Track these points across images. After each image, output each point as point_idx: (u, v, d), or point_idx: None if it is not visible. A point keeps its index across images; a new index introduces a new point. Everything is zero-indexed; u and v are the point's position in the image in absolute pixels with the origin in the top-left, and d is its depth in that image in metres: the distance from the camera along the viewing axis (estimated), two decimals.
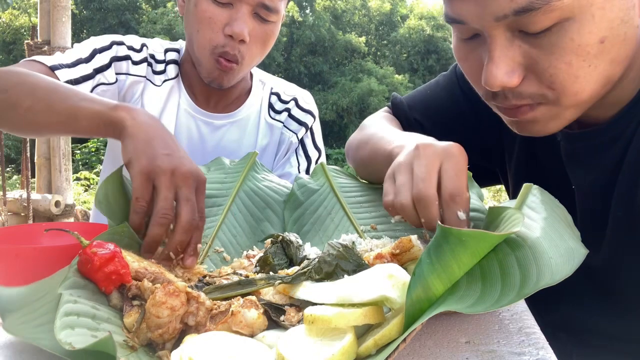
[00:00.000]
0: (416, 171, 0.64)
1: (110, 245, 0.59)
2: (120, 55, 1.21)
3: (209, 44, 1.12)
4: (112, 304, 0.57)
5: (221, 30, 1.11)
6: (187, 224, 0.70)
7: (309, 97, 1.40)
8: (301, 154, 1.33)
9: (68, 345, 0.44)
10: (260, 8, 1.11)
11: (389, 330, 0.48)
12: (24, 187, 3.60)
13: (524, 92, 0.66)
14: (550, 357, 0.53)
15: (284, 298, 0.59)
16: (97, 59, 1.18)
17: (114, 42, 1.22)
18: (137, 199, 0.70)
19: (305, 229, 0.86)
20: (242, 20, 1.10)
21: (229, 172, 0.95)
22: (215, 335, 0.51)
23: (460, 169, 0.63)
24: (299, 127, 1.33)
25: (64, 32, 3.28)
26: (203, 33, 1.12)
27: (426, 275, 0.49)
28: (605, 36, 0.61)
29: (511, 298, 0.48)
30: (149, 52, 1.26)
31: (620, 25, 0.61)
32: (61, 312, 0.49)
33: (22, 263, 0.70)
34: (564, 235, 0.55)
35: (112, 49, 1.21)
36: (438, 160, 0.64)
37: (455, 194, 0.62)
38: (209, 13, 1.10)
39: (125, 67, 1.22)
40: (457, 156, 0.64)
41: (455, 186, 0.62)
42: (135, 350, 0.50)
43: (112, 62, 1.20)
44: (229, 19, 1.10)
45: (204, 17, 1.11)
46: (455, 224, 0.61)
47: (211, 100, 1.28)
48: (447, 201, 0.62)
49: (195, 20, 1.12)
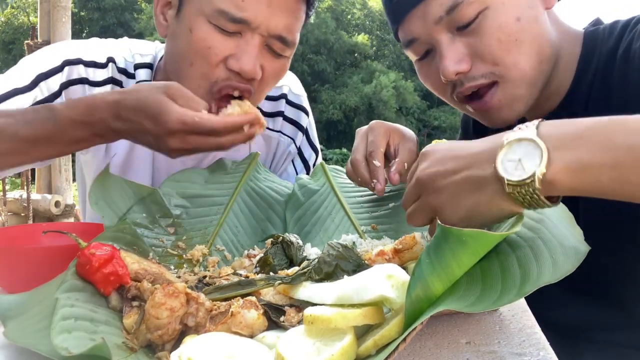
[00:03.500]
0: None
1: (108, 247, 0.59)
2: (74, 77, 0.97)
3: (205, 81, 0.89)
4: (111, 305, 0.57)
5: (222, 63, 0.88)
6: None
7: (296, 83, 1.23)
8: (298, 161, 1.22)
9: (64, 350, 0.43)
10: (275, 40, 0.89)
11: (389, 330, 0.48)
12: (24, 187, 3.60)
13: (475, 74, 0.80)
14: (551, 357, 0.52)
15: (283, 298, 0.59)
16: (41, 87, 0.93)
17: (67, 62, 0.97)
18: None
19: (306, 230, 0.86)
20: (252, 54, 0.87)
21: (230, 172, 0.95)
22: (214, 336, 0.51)
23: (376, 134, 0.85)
24: (294, 130, 1.20)
25: (64, 32, 3.28)
26: (197, 67, 0.88)
27: (426, 275, 0.49)
28: (519, 15, 0.78)
29: (511, 297, 0.48)
30: (117, 66, 1.02)
31: (528, 9, 0.79)
32: (58, 317, 0.49)
33: (22, 263, 0.70)
34: (565, 233, 0.55)
35: (64, 72, 0.96)
36: (365, 134, 0.87)
37: (371, 150, 0.84)
38: (208, 42, 0.86)
39: (81, 91, 0.97)
40: (374, 128, 0.87)
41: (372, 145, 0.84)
42: (134, 351, 0.50)
43: (63, 88, 0.96)
44: (235, 51, 0.87)
45: (201, 48, 0.87)
46: (373, 169, 0.82)
47: None
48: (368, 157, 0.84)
49: (190, 50, 0.88)
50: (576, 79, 0.83)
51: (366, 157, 0.84)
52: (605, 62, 0.80)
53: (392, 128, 0.88)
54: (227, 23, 0.86)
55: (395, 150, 0.85)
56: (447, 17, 0.78)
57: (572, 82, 0.84)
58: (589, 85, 0.81)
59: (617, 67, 0.78)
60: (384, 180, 0.81)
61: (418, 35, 0.82)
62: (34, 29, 3.44)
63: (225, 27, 0.86)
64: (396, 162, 0.82)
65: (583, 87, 0.82)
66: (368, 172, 0.83)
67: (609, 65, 0.79)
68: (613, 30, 0.81)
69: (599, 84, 0.80)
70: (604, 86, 0.79)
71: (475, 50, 0.79)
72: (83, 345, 0.44)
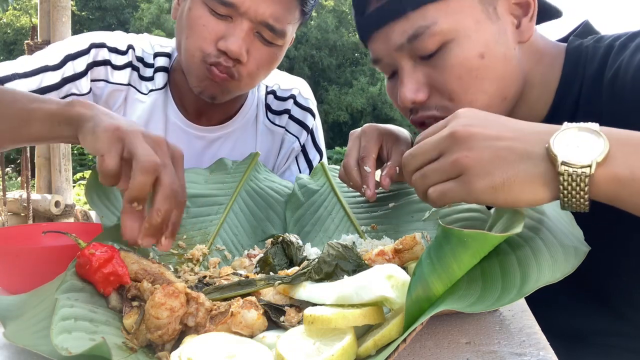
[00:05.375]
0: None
1: (107, 247, 0.59)
2: (99, 59, 1.07)
3: (199, 52, 0.97)
4: (111, 305, 0.57)
5: (214, 42, 0.96)
6: (169, 189, 0.61)
7: (306, 88, 1.29)
8: (302, 159, 1.25)
9: (64, 351, 0.43)
10: (264, 28, 0.96)
11: (389, 330, 0.48)
12: (24, 187, 3.59)
13: (430, 105, 0.78)
14: (552, 357, 0.52)
15: (283, 298, 0.59)
16: (69, 66, 1.04)
17: (93, 45, 1.07)
18: (104, 157, 0.59)
19: (307, 230, 0.86)
20: (239, 36, 0.95)
21: (231, 172, 0.96)
22: (214, 336, 0.51)
23: (368, 139, 0.85)
24: (300, 129, 1.24)
25: (64, 32, 3.28)
26: (193, 40, 0.97)
27: (426, 276, 0.49)
28: (483, 52, 0.74)
29: (512, 297, 0.48)
30: (135, 55, 1.12)
31: (496, 46, 0.75)
32: (58, 317, 0.48)
33: (22, 263, 0.70)
34: (565, 233, 0.55)
35: (90, 53, 1.06)
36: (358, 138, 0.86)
37: (363, 155, 0.83)
38: (202, 20, 0.96)
39: (104, 73, 1.08)
40: (367, 132, 0.86)
41: (364, 151, 0.83)
42: (134, 351, 0.50)
43: (89, 68, 1.06)
44: (224, 33, 0.95)
45: (196, 24, 0.96)
46: (364, 175, 0.82)
47: (203, 115, 1.16)
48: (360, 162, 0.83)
49: (187, 25, 0.98)
50: (556, 102, 0.80)
51: (358, 162, 0.84)
52: (589, 88, 0.76)
53: (385, 131, 0.87)
54: (218, 6, 0.94)
55: (388, 153, 0.85)
56: (409, 45, 0.76)
57: (551, 106, 0.80)
58: (572, 110, 0.78)
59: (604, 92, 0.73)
60: (374, 187, 0.81)
61: (382, 56, 0.81)
62: (34, 29, 3.43)
63: (217, 10, 0.95)
64: (388, 165, 0.82)
65: (565, 111, 0.78)
66: (360, 176, 0.83)
67: (594, 90, 0.75)
68: (596, 51, 0.77)
69: (584, 109, 0.76)
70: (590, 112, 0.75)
71: (434, 82, 0.77)
72: (83, 346, 0.44)
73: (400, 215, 0.82)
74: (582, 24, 0.86)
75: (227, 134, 1.18)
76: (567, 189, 0.49)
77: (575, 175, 0.48)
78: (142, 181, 0.59)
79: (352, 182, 0.84)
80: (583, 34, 0.83)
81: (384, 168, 0.83)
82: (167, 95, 1.13)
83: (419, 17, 0.74)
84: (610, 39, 0.77)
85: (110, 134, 0.61)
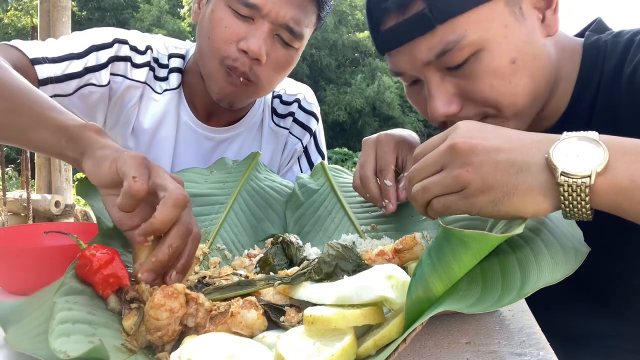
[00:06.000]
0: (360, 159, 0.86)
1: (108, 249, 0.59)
2: (121, 55, 1.09)
3: (218, 53, 1.00)
4: (109, 307, 0.57)
5: (235, 43, 0.99)
6: (185, 227, 0.61)
7: (310, 94, 1.32)
8: (304, 161, 1.29)
9: (62, 354, 0.43)
10: (284, 30, 0.99)
11: (389, 330, 0.48)
12: (24, 187, 3.60)
13: (466, 116, 0.75)
14: (551, 357, 0.52)
15: (283, 299, 0.59)
16: (92, 57, 1.06)
17: (117, 40, 1.09)
18: (136, 179, 0.58)
19: (306, 229, 0.86)
20: (260, 37, 0.97)
21: (231, 171, 0.96)
22: (214, 336, 0.51)
23: (385, 150, 0.83)
24: (303, 132, 1.27)
25: (64, 32, 3.28)
26: (214, 41, 1.00)
27: (427, 276, 0.48)
28: (515, 57, 0.72)
29: (512, 297, 0.48)
30: (152, 56, 1.14)
31: (526, 47, 0.73)
32: (56, 320, 0.48)
33: (22, 263, 0.70)
34: (565, 235, 0.55)
35: (113, 48, 1.09)
36: (373, 147, 0.84)
37: (381, 168, 0.82)
38: (225, 22, 0.98)
39: (124, 68, 1.10)
40: (383, 142, 0.84)
41: (382, 163, 0.82)
42: (134, 353, 0.50)
43: (110, 62, 1.08)
44: (246, 34, 0.98)
45: (218, 25, 0.99)
46: (384, 189, 0.81)
47: (213, 116, 1.18)
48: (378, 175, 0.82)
49: (210, 26, 1.00)
50: (574, 98, 0.79)
51: (376, 173, 0.82)
52: (608, 82, 0.75)
53: (400, 141, 0.85)
54: (241, 7, 0.97)
55: (403, 162, 0.83)
56: (436, 60, 0.73)
57: (570, 102, 0.80)
58: (590, 105, 0.77)
59: (623, 86, 0.72)
60: (395, 201, 0.80)
61: (404, 70, 0.78)
62: (34, 29, 3.44)
63: (240, 11, 0.98)
64: (404, 177, 0.80)
65: (583, 106, 0.78)
66: (378, 189, 0.81)
67: (613, 85, 0.74)
68: (615, 46, 0.76)
69: (602, 103, 0.76)
70: (608, 106, 0.75)
71: (465, 92, 0.74)
72: (81, 348, 0.44)
73: (400, 215, 0.82)
74: (595, 21, 0.85)
75: (234, 136, 1.21)
76: (567, 199, 0.49)
77: (575, 185, 0.48)
78: (171, 214, 0.59)
79: (369, 194, 0.82)
80: (597, 30, 0.82)
81: (400, 179, 0.81)
82: (181, 96, 1.16)
83: (448, 31, 0.71)
84: (630, 34, 0.76)
85: (139, 160, 0.61)
